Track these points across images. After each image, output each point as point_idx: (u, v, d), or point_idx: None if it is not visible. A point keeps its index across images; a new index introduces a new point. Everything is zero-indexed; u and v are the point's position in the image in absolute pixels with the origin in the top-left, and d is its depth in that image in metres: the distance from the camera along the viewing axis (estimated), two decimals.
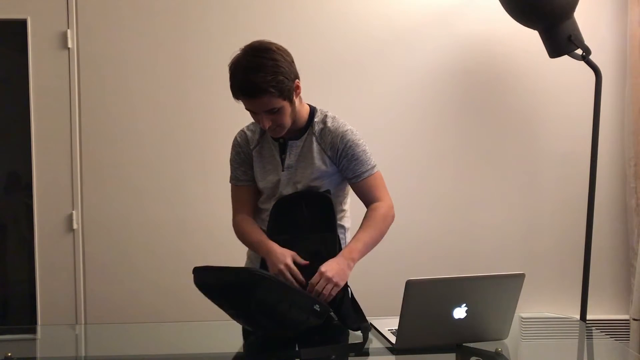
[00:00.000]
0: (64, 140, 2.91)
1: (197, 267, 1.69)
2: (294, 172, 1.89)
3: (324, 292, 1.70)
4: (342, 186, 1.96)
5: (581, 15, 2.68)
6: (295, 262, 1.77)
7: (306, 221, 1.85)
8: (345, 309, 1.77)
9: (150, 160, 2.94)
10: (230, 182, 2.01)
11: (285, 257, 1.77)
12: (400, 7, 2.98)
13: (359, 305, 1.82)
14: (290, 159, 1.89)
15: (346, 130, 1.88)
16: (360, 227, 1.87)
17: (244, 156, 1.96)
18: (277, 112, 1.77)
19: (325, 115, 1.92)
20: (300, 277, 1.75)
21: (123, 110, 2.93)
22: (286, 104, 1.78)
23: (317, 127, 1.90)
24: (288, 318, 1.64)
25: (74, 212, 2.92)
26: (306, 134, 1.90)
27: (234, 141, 1.99)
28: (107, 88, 2.92)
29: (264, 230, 1.92)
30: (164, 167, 2.94)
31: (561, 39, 2.63)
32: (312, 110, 1.93)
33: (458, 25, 2.99)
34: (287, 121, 1.82)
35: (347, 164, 1.88)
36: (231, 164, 1.99)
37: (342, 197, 1.98)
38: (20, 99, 2.90)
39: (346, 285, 1.81)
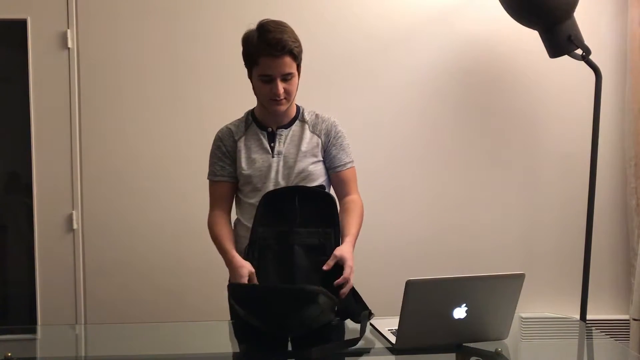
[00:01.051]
0: (64, 140, 2.91)
1: (237, 284, 1.74)
2: (285, 158, 1.93)
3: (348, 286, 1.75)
4: (322, 179, 2.01)
5: (581, 15, 2.68)
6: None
7: (299, 216, 1.83)
8: (348, 302, 1.79)
9: (150, 160, 2.94)
10: (207, 178, 2.04)
11: (243, 272, 1.77)
12: (400, 7, 2.98)
13: (359, 296, 1.83)
14: (280, 146, 1.94)
15: (336, 122, 2.02)
16: (348, 215, 1.92)
17: (224, 150, 1.99)
18: (289, 79, 1.86)
19: (314, 111, 2.03)
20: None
21: (123, 110, 2.93)
22: (296, 74, 1.89)
23: (309, 118, 2.00)
24: (316, 321, 1.67)
25: (74, 212, 2.92)
26: (294, 124, 1.98)
27: (215, 137, 2.03)
28: (107, 88, 2.92)
29: (247, 227, 1.91)
30: (164, 167, 2.94)
31: (561, 39, 2.63)
32: (298, 106, 2.02)
33: (458, 25, 2.99)
34: (294, 93, 1.91)
35: (335, 152, 1.99)
36: (210, 160, 2.03)
37: (329, 189, 2.03)
38: (20, 99, 2.90)
39: None
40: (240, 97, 2.11)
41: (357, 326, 1.73)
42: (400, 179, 3.00)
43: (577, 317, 2.69)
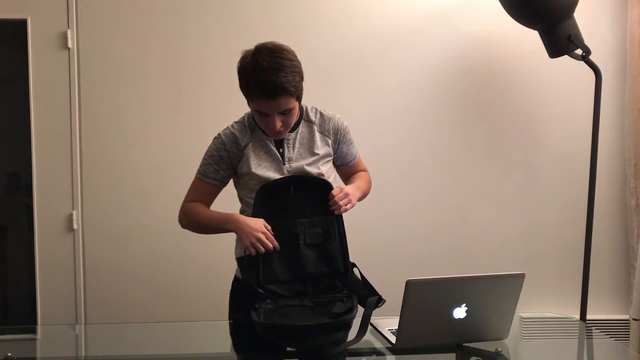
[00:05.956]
0: (64, 141, 2.91)
1: (268, 323, 1.63)
2: (298, 163, 1.87)
3: (341, 203, 1.80)
4: (334, 175, 2.02)
5: (581, 15, 2.68)
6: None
7: (298, 205, 1.80)
8: (359, 289, 1.81)
9: (150, 160, 2.94)
10: (196, 175, 1.93)
11: (259, 223, 1.76)
12: (400, 7, 2.98)
13: (369, 283, 1.84)
14: (289, 152, 1.87)
15: (339, 117, 1.97)
16: (355, 179, 2.02)
17: (225, 154, 1.88)
18: (288, 113, 1.78)
19: (315, 108, 1.96)
20: (275, 241, 1.76)
21: (123, 110, 2.93)
22: (296, 104, 1.80)
23: (314, 118, 1.93)
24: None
25: (74, 212, 2.92)
26: (300, 126, 1.91)
27: (217, 139, 1.91)
28: (107, 88, 2.92)
29: None
30: (164, 167, 2.94)
31: (561, 39, 2.63)
32: (301, 106, 1.93)
33: (458, 25, 2.99)
34: (293, 121, 1.83)
35: (346, 148, 1.99)
36: (205, 159, 1.92)
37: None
38: (20, 99, 2.90)
39: (354, 266, 1.85)
40: (241, 98, 2.10)
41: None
42: (399, 179, 3.00)
43: (577, 317, 2.69)
